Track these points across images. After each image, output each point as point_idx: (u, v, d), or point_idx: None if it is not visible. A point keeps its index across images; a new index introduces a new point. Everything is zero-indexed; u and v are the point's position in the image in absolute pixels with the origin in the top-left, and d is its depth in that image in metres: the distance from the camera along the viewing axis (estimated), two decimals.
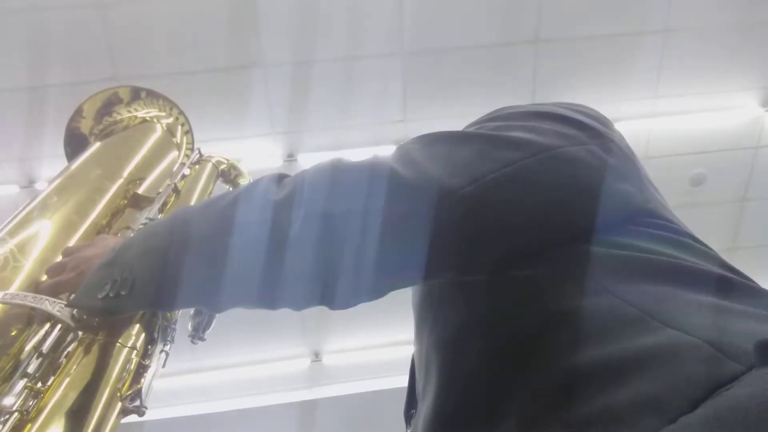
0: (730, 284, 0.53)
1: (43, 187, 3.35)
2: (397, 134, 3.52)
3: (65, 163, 1.26)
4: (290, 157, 3.56)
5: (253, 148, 3.48)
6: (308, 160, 3.56)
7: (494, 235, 0.57)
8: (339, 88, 3.37)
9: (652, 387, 0.41)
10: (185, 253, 0.65)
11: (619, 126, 0.69)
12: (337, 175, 0.62)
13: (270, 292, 0.63)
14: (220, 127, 3.33)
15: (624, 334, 0.46)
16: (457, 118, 3.50)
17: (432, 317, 0.65)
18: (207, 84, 3.26)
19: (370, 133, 3.51)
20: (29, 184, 3.43)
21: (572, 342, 0.48)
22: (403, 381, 0.78)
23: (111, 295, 0.69)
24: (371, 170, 0.61)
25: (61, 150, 1.28)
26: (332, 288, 0.60)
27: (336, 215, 0.59)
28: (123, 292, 0.68)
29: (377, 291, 0.62)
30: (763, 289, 0.53)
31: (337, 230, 0.58)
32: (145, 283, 0.68)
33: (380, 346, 4.08)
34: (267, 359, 4.13)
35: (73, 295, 0.75)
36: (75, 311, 0.74)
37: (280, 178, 0.67)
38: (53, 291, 0.78)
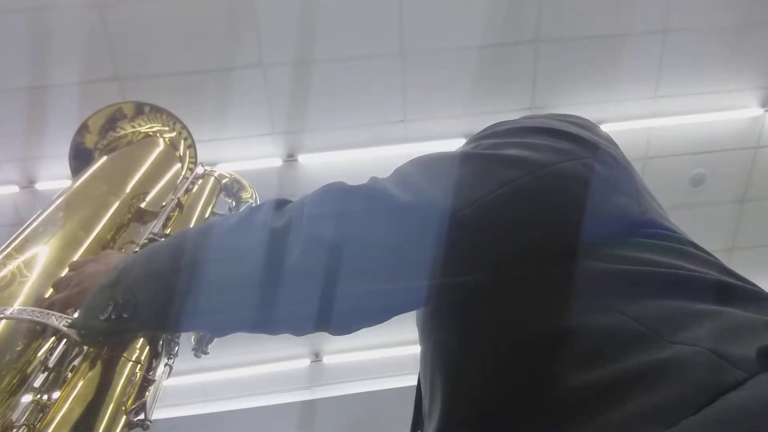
0: (732, 291, 0.53)
1: (43, 187, 3.37)
2: (397, 134, 3.53)
3: (65, 163, 1.27)
4: (290, 157, 3.56)
5: (253, 149, 3.49)
6: (308, 160, 3.56)
7: (494, 256, 0.57)
8: (339, 88, 3.37)
9: (656, 398, 0.42)
10: (186, 279, 0.65)
11: (618, 126, 0.68)
12: (336, 201, 0.62)
13: (269, 319, 0.64)
14: (220, 127, 3.33)
15: (630, 352, 0.47)
16: (457, 118, 3.51)
17: (435, 336, 0.65)
18: (207, 84, 3.26)
19: (370, 133, 3.51)
20: (29, 184, 3.43)
21: (578, 361, 0.49)
22: (403, 381, 0.78)
23: (113, 317, 0.69)
24: (370, 195, 0.61)
25: (61, 150, 1.29)
26: (332, 314, 0.60)
27: (335, 242, 0.58)
28: (125, 315, 0.68)
29: (378, 316, 0.62)
30: (767, 294, 0.53)
31: (336, 257, 0.58)
32: (147, 307, 0.68)
33: (380, 346, 4.08)
34: (267, 359, 4.14)
35: (75, 314, 0.75)
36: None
37: (280, 204, 0.67)
38: (58, 306, 0.79)
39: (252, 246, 0.63)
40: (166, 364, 0.86)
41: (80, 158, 1.17)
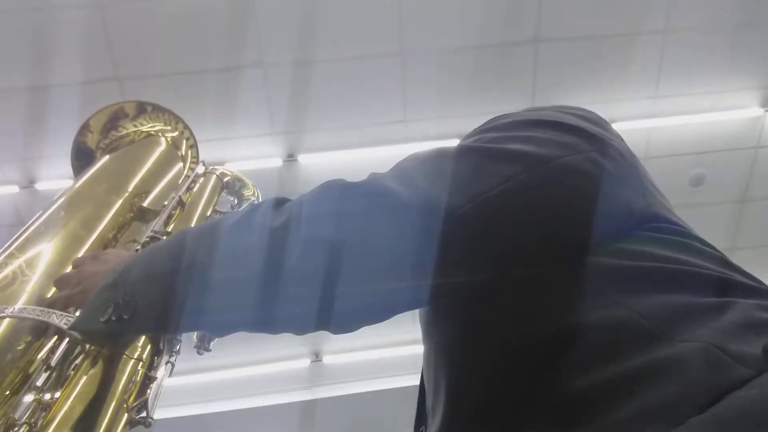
0: (737, 287, 0.53)
1: (43, 187, 3.37)
2: (397, 134, 3.52)
3: (65, 163, 1.27)
4: (290, 157, 3.56)
5: (253, 148, 3.48)
6: (308, 160, 3.56)
7: (495, 253, 0.56)
8: (339, 88, 3.37)
9: (660, 395, 0.42)
10: (186, 279, 0.65)
11: (618, 126, 0.67)
12: (335, 200, 0.61)
13: (269, 319, 0.63)
14: (220, 127, 3.33)
15: (637, 349, 0.46)
16: (457, 118, 3.51)
17: (439, 333, 0.64)
18: (207, 84, 3.26)
19: (370, 133, 3.51)
20: (29, 184, 3.43)
21: (584, 359, 0.48)
22: (403, 381, 0.78)
23: (113, 318, 0.68)
24: (369, 193, 0.60)
25: (61, 150, 1.30)
26: (332, 314, 0.59)
27: (334, 241, 0.57)
28: (125, 316, 0.68)
29: (379, 315, 0.61)
30: None
31: (336, 257, 0.57)
32: (147, 308, 0.68)
33: (380, 346, 4.07)
34: (267, 359, 4.13)
35: (77, 314, 0.75)
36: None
37: (279, 203, 0.66)
38: (58, 305, 0.78)
39: (251, 247, 0.62)
40: (167, 362, 0.86)
41: (82, 158, 1.17)
